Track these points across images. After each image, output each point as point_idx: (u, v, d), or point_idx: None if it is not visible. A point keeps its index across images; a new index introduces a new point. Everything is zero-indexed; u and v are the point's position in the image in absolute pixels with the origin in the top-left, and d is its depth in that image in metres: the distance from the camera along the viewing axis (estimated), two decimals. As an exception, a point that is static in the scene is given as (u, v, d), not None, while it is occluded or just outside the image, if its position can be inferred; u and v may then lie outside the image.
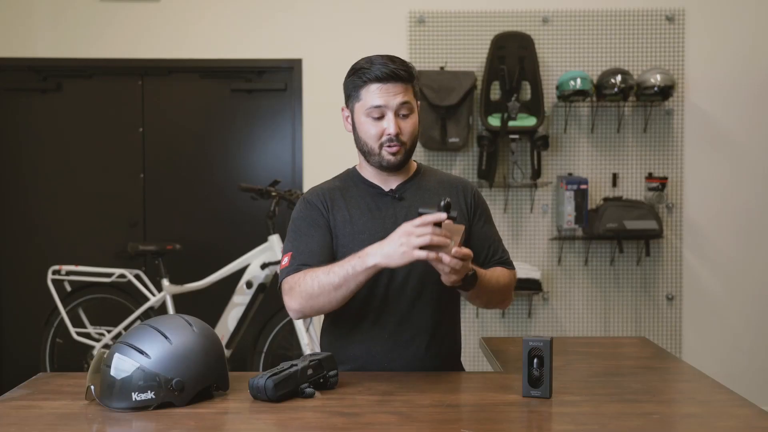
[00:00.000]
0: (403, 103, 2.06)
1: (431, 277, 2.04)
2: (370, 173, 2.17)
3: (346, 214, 2.12)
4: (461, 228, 1.87)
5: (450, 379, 1.90)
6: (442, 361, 2.12)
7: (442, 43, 4.51)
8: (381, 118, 2.06)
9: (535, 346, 1.77)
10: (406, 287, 2.07)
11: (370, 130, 2.07)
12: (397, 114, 2.06)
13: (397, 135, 2.06)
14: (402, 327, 2.08)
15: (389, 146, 2.06)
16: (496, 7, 4.50)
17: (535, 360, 1.76)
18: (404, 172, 2.17)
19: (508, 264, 2.22)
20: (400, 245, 1.83)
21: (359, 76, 2.06)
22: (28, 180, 4.72)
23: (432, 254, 1.80)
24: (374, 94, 2.05)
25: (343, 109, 2.16)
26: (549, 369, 1.75)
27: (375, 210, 2.12)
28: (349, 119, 2.14)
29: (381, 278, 2.05)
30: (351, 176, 2.21)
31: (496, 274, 2.12)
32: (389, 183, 2.16)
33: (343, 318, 2.10)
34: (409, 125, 2.09)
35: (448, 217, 1.83)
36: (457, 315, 2.22)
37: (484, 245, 2.19)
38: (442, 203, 1.83)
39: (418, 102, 2.16)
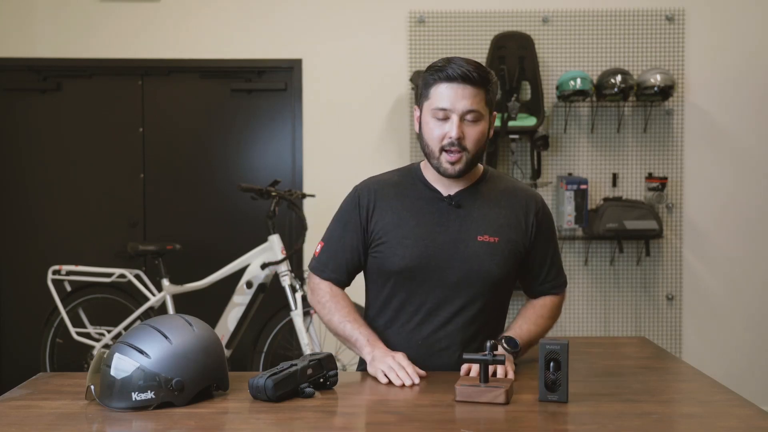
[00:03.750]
0: (470, 111, 1.96)
1: (477, 299, 2.05)
2: (431, 175, 2.09)
3: (394, 215, 2.07)
4: (509, 380, 1.83)
5: (450, 379, 1.90)
6: None
7: (442, 43, 4.51)
8: (446, 120, 1.98)
9: (551, 349, 1.72)
10: (453, 301, 2.05)
11: (433, 131, 2.00)
12: (463, 119, 1.97)
13: (459, 140, 1.97)
14: (437, 336, 2.06)
15: (449, 151, 1.98)
16: (496, 7, 4.50)
17: (552, 363, 1.72)
18: (469, 176, 2.08)
19: (559, 288, 2.19)
20: (382, 363, 1.93)
21: (431, 73, 2.00)
22: (28, 180, 4.72)
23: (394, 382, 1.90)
24: (442, 95, 1.97)
25: (415, 109, 2.10)
26: (566, 372, 1.72)
27: (426, 215, 2.06)
28: (419, 119, 2.07)
29: (429, 289, 2.04)
30: (412, 173, 2.14)
31: (539, 322, 2.13)
32: (450, 188, 2.08)
33: (383, 315, 2.11)
34: (474, 132, 1.98)
35: (494, 361, 1.75)
36: (499, 329, 2.16)
37: (538, 268, 2.15)
38: (489, 344, 1.76)
39: (494, 113, 2.06)
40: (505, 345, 1.99)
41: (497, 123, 4.32)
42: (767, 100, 4.55)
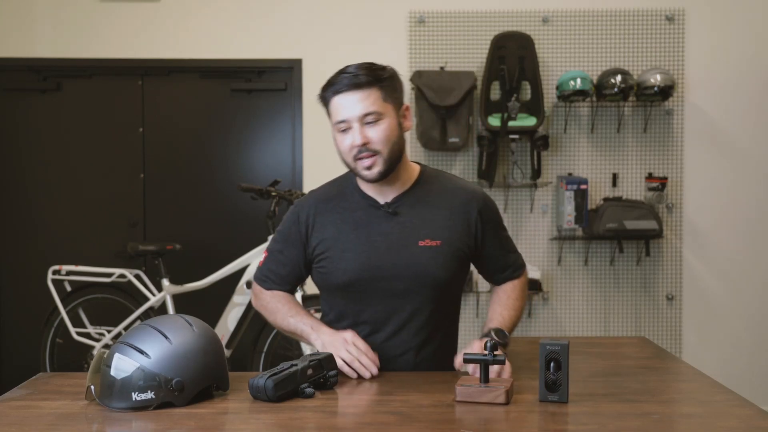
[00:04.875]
0: (366, 113, 1.95)
1: (426, 303, 2.04)
2: (366, 184, 2.08)
3: (334, 229, 2.07)
4: (510, 380, 1.81)
5: (450, 379, 1.90)
6: (434, 366, 2.10)
7: (442, 43, 4.51)
8: (349, 130, 1.97)
9: (552, 349, 1.72)
10: (403, 308, 2.06)
11: (342, 145, 2.00)
12: (363, 123, 1.96)
13: (365, 144, 1.96)
14: (391, 344, 2.07)
15: (361, 158, 1.97)
16: (496, 7, 4.50)
17: (552, 364, 1.72)
18: (403, 181, 2.07)
19: (519, 270, 2.21)
20: (335, 349, 1.95)
21: (323, 91, 2.00)
22: (28, 180, 4.72)
23: (350, 371, 1.94)
24: (337, 108, 1.97)
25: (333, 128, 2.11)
26: (566, 373, 1.72)
27: (365, 226, 2.05)
28: (334, 137, 2.07)
29: (378, 299, 2.04)
30: (348, 183, 2.12)
31: (516, 305, 2.15)
32: (385, 194, 2.07)
33: (337, 326, 2.11)
34: (378, 132, 1.96)
35: (494, 361, 1.76)
36: (453, 327, 2.19)
37: (495, 261, 2.17)
38: (488, 344, 1.76)
39: (404, 105, 2.05)
40: (495, 338, 1.99)
41: (497, 123, 4.32)
42: (767, 100, 4.55)
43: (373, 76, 1.96)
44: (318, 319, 2.10)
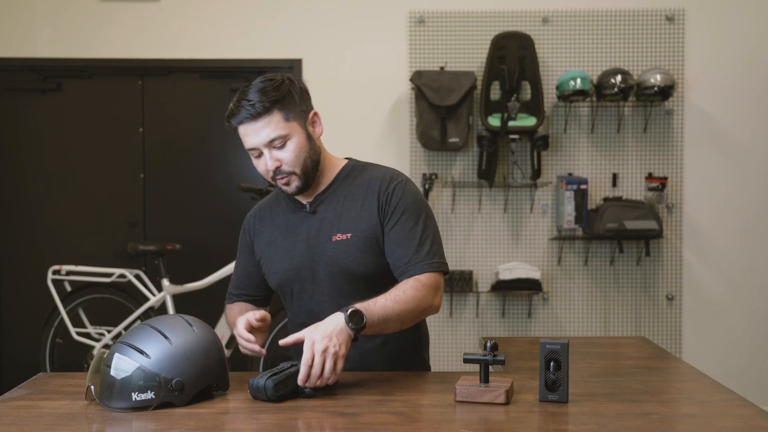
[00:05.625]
0: (271, 140, 1.94)
1: (353, 298, 1.91)
2: None
3: (268, 235, 2.13)
4: (509, 380, 1.80)
5: (450, 378, 1.90)
6: (389, 360, 2.07)
7: (442, 43, 4.51)
8: (261, 155, 1.98)
9: (551, 349, 1.72)
10: (333, 304, 1.98)
11: (258, 169, 2.02)
12: (271, 148, 1.96)
13: (278, 168, 1.97)
14: None
15: (278, 179, 1.99)
16: (496, 7, 4.50)
17: (552, 363, 1.72)
18: (323, 181, 2.07)
19: (427, 268, 1.96)
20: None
21: (227, 120, 1.97)
22: (28, 180, 4.72)
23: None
24: (244, 137, 1.96)
25: None
26: (566, 372, 1.72)
27: (290, 227, 2.09)
28: None
29: (309, 298, 2.05)
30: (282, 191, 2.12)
31: (401, 298, 1.89)
32: (308, 195, 2.08)
33: (293, 328, 2.12)
34: (288, 153, 1.96)
35: (494, 361, 1.75)
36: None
37: (396, 249, 1.99)
38: (489, 344, 1.76)
39: (311, 113, 2.03)
40: (347, 320, 1.79)
41: (497, 123, 4.32)
42: (767, 100, 4.55)
43: (270, 101, 1.93)
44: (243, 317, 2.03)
